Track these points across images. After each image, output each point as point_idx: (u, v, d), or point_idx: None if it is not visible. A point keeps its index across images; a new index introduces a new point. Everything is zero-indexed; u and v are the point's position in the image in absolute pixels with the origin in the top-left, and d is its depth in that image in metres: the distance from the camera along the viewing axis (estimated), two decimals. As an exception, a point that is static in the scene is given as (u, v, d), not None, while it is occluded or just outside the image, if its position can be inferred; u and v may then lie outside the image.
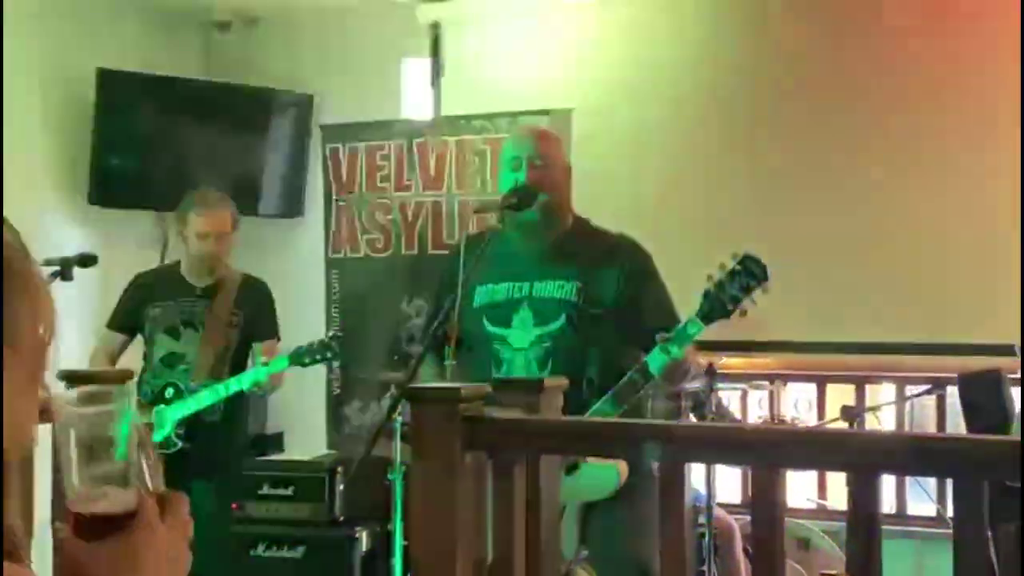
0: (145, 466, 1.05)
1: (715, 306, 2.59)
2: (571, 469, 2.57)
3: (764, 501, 1.87)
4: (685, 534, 1.94)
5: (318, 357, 3.76)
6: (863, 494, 1.78)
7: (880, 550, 1.82)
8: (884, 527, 1.70)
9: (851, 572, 1.84)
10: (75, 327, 4.64)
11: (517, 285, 2.88)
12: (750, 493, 1.88)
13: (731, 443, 1.92)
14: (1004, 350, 3.90)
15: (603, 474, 2.65)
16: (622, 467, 2.65)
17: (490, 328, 2.87)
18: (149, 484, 1.05)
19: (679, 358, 2.59)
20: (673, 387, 2.92)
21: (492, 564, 2.15)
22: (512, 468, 2.11)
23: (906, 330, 4.29)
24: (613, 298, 2.81)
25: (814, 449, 1.91)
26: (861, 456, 1.86)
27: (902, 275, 4.36)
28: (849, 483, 1.87)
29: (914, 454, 1.78)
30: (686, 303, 2.74)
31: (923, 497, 4.27)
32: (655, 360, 2.59)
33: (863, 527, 1.78)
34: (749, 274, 2.59)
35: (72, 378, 2.60)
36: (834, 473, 4.01)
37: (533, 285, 2.87)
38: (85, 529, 1.01)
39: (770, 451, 1.84)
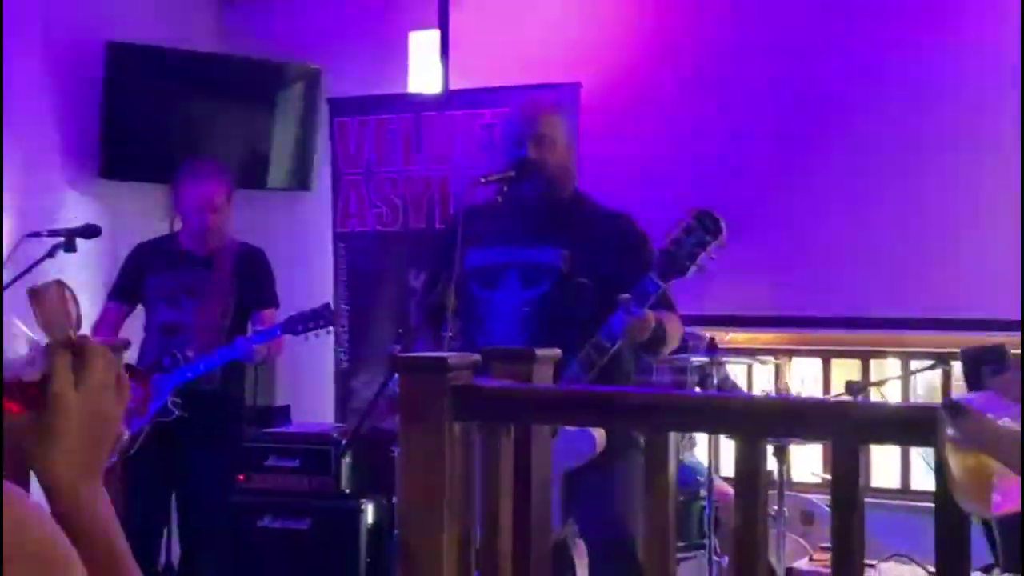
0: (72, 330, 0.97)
1: (672, 263, 2.61)
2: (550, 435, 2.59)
3: (747, 472, 1.87)
4: (670, 505, 1.94)
5: (311, 325, 3.78)
6: (843, 464, 1.78)
7: (862, 523, 1.82)
8: (888, 501, 1.70)
9: (832, 545, 1.85)
10: (86, 299, 4.67)
11: (507, 249, 2.91)
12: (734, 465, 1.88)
13: (714, 413, 1.92)
14: (1009, 325, 3.88)
15: (579, 438, 2.68)
16: (599, 433, 2.67)
17: (477, 291, 2.91)
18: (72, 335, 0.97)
19: (640, 317, 2.60)
20: (652, 353, 2.93)
21: (481, 536, 2.16)
22: (499, 438, 2.12)
23: (912, 305, 4.27)
24: (601, 269, 2.83)
25: (800, 419, 1.91)
26: (848, 426, 1.85)
27: (908, 250, 4.34)
28: (833, 454, 1.87)
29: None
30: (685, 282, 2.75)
31: (928, 471, 4.26)
32: (617, 321, 2.62)
33: (844, 498, 1.78)
34: (704, 229, 2.60)
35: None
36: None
37: (523, 250, 2.90)
38: (20, 399, 0.95)
39: (751, 421, 1.84)
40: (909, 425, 1.79)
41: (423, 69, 5.03)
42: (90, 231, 3.60)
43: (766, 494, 1.89)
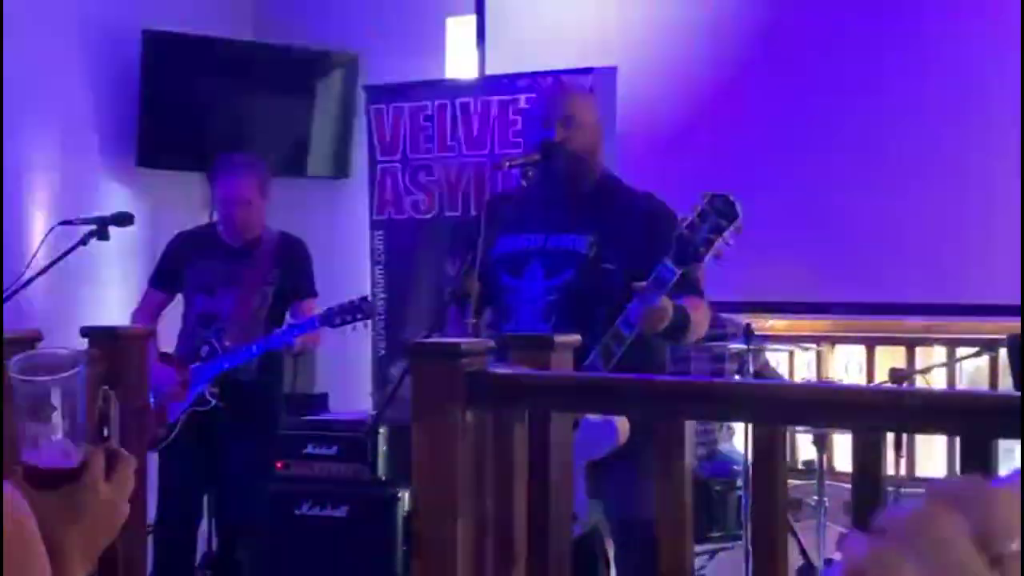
0: (106, 428, 1.15)
1: (687, 249, 2.53)
2: (572, 426, 2.55)
3: (764, 459, 1.81)
4: (685, 493, 1.89)
5: (348, 318, 3.77)
6: (863, 451, 1.71)
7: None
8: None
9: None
10: (123, 287, 4.71)
11: (532, 236, 2.87)
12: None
13: (731, 399, 1.86)
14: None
15: (602, 429, 2.62)
16: (621, 423, 2.61)
17: (504, 279, 2.87)
18: (112, 441, 1.16)
19: (655, 306, 2.53)
20: (676, 341, 2.86)
21: (495, 524, 2.13)
22: (513, 425, 2.08)
23: (958, 291, 4.16)
24: (628, 256, 2.77)
25: (818, 406, 1.84)
26: (870, 415, 1.79)
27: (953, 235, 4.23)
28: (854, 442, 1.80)
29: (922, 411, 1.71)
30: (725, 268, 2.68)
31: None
32: (634, 310, 2.55)
33: (864, 485, 1.72)
34: (719, 214, 2.52)
35: (91, 334, 2.63)
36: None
37: (548, 237, 2.85)
38: (35, 480, 1.11)
39: (769, 407, 1.78)
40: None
41: (460, 55, 5.00)
42: (123, 219, 3.61)
43: (784, 482, 1.83)
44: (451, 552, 2.05)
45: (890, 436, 3.44)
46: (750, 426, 3.73)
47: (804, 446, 4.34)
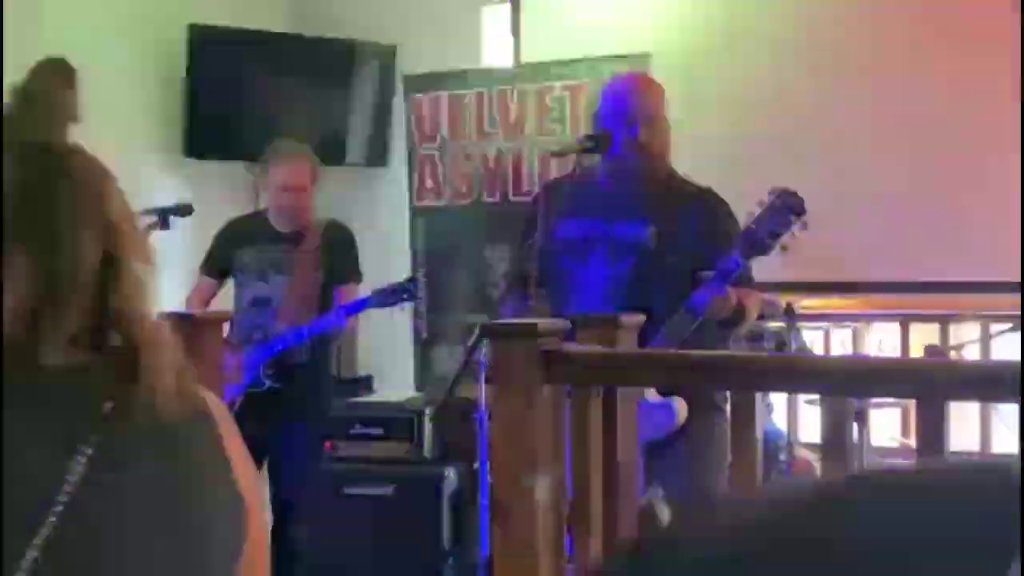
0: None
1: (754, 242, 2.64)
2: None
3: (834, 431, 1.92)
4: (756, 461, 2.01)
5: (396, 299, 3.88)
6: (928, 422, 1.82)
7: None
8: None
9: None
10: (175, 274, 4.83)
11: (596, 223, 2.96)
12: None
13: (799, 372, 1.97)
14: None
15: (659, 411, 2.73)
16: (680, 404, 2.72)
17: (565, 264, 2.96)
18: None
19: (722, 295, 2.64)
20: (732, 328, 2.96)
21: (573, 495, 2.24)
22: (588, 400, 2.19)
23: (989, 268, 4.25)
24: (688, 247, 2.87)
25: (890, 378, 1.95)
26: (931, 385, 1.90)
27: (985, 212, 4.31)
28: (918, 415, 1.91)
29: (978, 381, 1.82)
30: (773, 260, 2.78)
31: (1009, 433, 4.26)
32: (699, 298, 2.66)
33: (931, 451, 1.82)
34: (787, 208, 2.62)
35: (169, 319, 2.74)
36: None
37: (612, 225, 2.94)
38: None
39: (837, 380, 1.89)
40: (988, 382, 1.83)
41: (495, 43, 5.09)
42: (184, 209, 3.73)
43: (854, 451, 1.94)
44: (531, 523, 2.16)
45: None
46: (794, 405, 3.83)
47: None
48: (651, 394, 2.81)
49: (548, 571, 2.13)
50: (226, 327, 4.11)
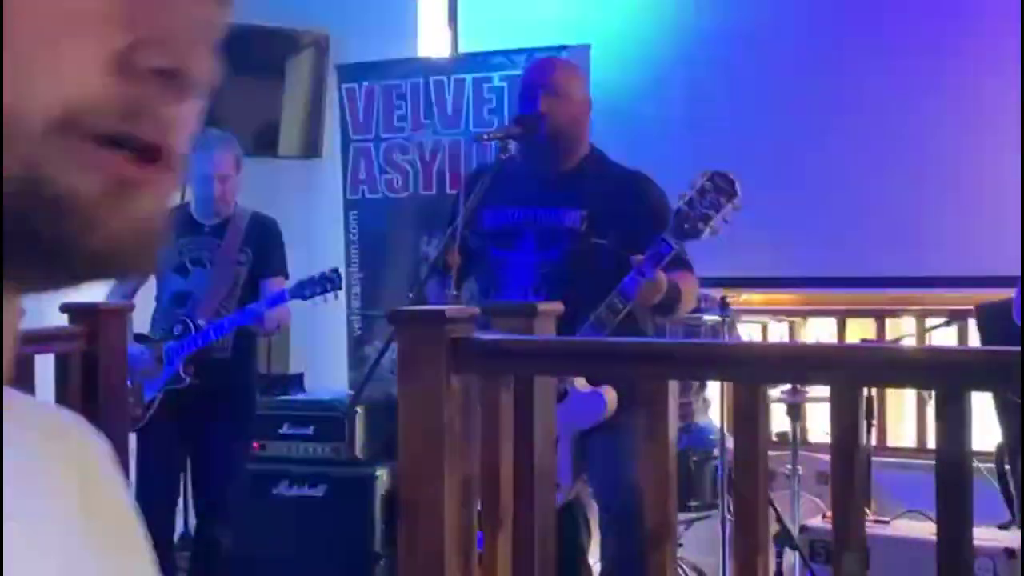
0: None
1: (686, 225, 2.58)
2: (561, 397, 2.58)
3: (746, 421, 1.84)
4: (670, 455, 1.92)
5: (318, 289, 3.78)
6: (844, 412, 1.75)
7: (867, 476, 1.79)
8: (904, 460, 1.67)
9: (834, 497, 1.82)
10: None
11: (523, 210, 2.89)
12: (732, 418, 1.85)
13: (714, 359, 1.89)
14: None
15: (590, 400, 2.66)
16: (610, 395, 2.65)
17: (493, 252, 2.89)
18: None
19: (652, 279, 2.58)
20: (667, 314, 2.90)
21: (482, 489, 2.15)
22: (499, 390, 2.10)
23: (926, 264, 4.23)
24: (619, 231, 2.81)
25: (801, 364, 1.88)
26: (848, 371, 1.83)
27: (921, 208, 4.29)
28: (832, 401, 1.84)
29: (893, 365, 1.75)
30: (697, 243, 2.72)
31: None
32: (630, 283, 2.59)
33: (841, 448, 1.75)
34: (719, 191, 2.57)
35: (72, 310, 2.62)
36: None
37: (539, 211, 2.88)
38: None
39: (751, 366, 1.81)
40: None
41: (432, 33, 5.00)
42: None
43: (766, 443, 1.86)
44: (438, 515, 2.07)
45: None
46: (728, 399, 3.77)
47: (778, 417, 4.40)
48: (581, 383, 2.74)
49: (456, 571, 2.04)
50: (142, 321, 4.00)
